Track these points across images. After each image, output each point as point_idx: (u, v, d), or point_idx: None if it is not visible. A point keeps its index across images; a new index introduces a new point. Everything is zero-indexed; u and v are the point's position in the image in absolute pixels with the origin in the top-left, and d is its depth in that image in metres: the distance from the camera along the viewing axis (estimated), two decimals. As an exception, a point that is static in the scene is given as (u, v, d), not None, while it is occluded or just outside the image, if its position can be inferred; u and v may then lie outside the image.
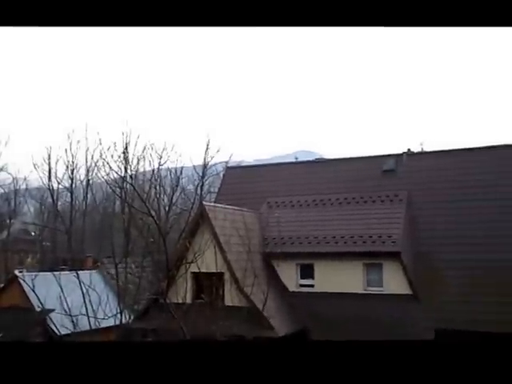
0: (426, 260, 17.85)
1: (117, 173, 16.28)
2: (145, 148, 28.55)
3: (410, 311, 16.86)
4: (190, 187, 33.20)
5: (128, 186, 15.74)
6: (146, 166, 26.25)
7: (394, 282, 17.44)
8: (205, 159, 32.12)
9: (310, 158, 29.83)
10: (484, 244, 17.31)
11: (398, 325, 16.57)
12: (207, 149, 32.31)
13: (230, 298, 15.91)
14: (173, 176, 29.29)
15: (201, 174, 32.60)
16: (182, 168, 30.08)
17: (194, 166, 31.34)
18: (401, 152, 21.61)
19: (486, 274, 16.61)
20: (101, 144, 15.65)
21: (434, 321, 16.11)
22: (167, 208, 27.30)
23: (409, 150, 22.04)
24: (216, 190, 27.37)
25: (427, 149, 23.45)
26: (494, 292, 16.09)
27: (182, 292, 12.95)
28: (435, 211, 18.93)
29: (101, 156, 14.93)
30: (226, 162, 31.67)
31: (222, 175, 27.86)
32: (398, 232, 18.03)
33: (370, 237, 18.14)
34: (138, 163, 25.16)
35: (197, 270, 14.52)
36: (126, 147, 17.80)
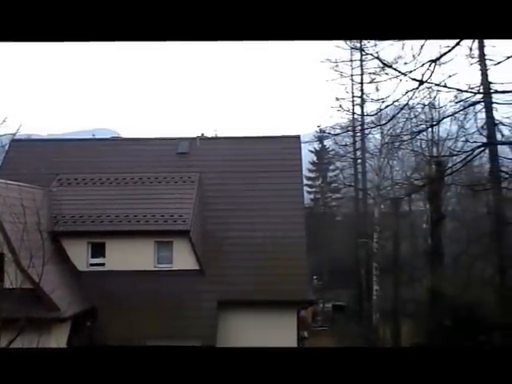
0: (212, 237, 19.32)
1: None
2: None
3: (196, 285, 18.14)
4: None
5: None
6: None
7: (183, 258, 18.51)
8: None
9: (107, 136, 29.23)
10: (259, 223, 19.48)
11: (183, 298, 17.71)
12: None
13: (10, 279, 14.95)
14: None
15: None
16: (-43, 138, 26.61)
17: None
18: (195, 136, 22.77)
19: (261, 249, 18.78)
20: None
21: (216, 293, 17.65)
22: None
23: (202, 134, 23.32)
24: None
25: (221, 135, 25.12)
26: (268, 265, 18.29)
27: None
28: (222, 192, 20.52)
29: None
30: (13, 134, 28.92)
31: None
32: (189, 212, 19.10)
33: (162, 216, 18.86)
34: None
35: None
36: None
